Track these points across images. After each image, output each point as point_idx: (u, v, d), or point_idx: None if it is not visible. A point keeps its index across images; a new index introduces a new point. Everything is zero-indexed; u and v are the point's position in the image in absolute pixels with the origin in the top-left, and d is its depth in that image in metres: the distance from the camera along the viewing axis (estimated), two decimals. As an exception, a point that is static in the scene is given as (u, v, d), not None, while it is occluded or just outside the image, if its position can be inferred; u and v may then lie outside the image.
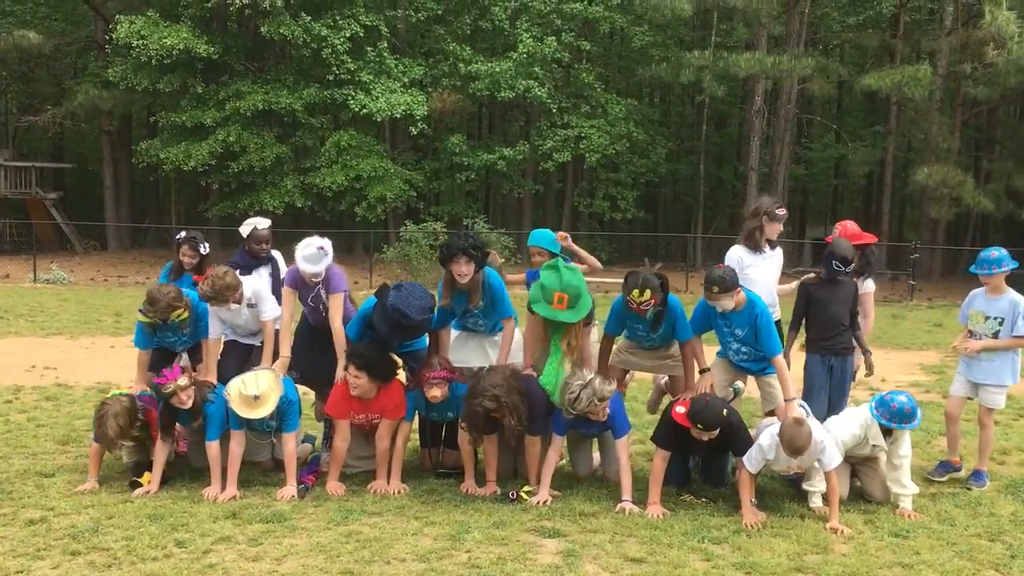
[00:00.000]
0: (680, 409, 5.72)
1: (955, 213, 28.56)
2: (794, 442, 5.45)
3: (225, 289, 6.04)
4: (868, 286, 6.88)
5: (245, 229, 7.07)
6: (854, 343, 6.60)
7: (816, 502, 5.81)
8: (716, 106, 34.21)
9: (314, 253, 6.02)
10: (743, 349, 6.17)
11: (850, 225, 6.93)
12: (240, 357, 6.52)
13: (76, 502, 5.63)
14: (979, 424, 6.71)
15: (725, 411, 5.64)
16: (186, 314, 6.15)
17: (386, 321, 5.83)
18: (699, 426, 5.55)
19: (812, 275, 6.78)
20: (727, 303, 5.88)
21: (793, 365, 6.26)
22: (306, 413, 7.33)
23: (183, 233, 7.26)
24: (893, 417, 5.75)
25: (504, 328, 6.26)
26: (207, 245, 7.13)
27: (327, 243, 6.07)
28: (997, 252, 6.57)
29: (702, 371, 6.09)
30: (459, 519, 5.43)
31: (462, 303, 6.20)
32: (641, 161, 31.51)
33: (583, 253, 6.88)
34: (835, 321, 6.48)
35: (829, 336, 6.47)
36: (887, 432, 5.87)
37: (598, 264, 7.01)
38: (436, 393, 5.92)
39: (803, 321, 6.61)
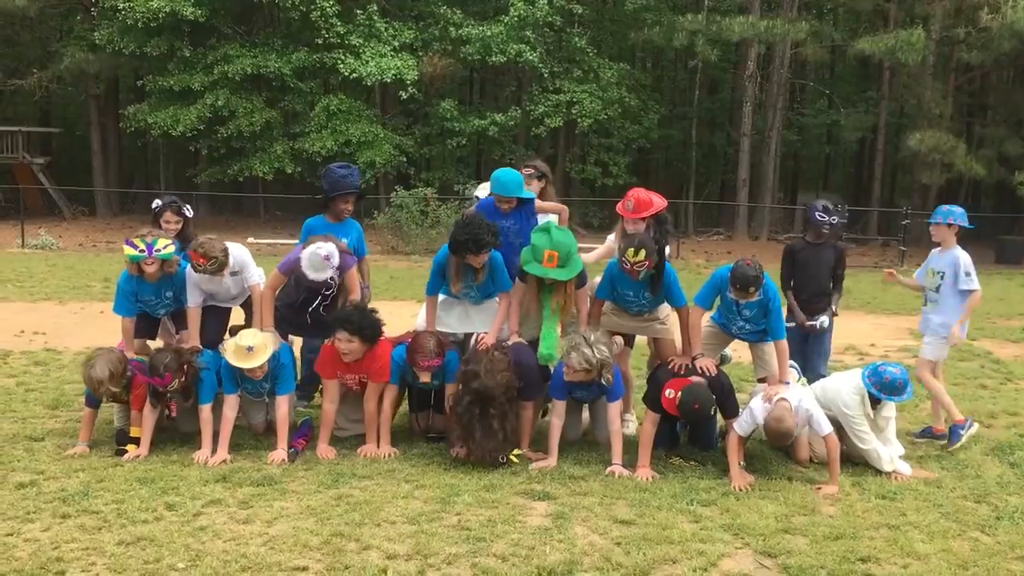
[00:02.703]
0: (669, 393, 5.73)
1: (947, 179, 28.52)
2: (775, 439, 5.76)
3: (222, 263, 6.01)
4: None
5: (481, 193, 7.24)
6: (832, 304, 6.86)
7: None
8: (709, 71, 33.95)
9: (320, 262, 5.99)
10: (747, 326, 6.20)
11: (641, 192, 6.35)
12: (221, 321, 6.54)
13: (66, 466, 5.64)
14: (919, 380, 6.77)
15: (713, 408, 5.80)
16: (172, 248, 6.09)
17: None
18: (684, 419, 5.78)
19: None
20: (754, 297, 5.89)
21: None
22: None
23: (159, 201, 6.91)
24: (883, 388, 5.78)
25: (500, 301, 6.24)
26: (190, 208, 7.00)
27: (334, 253, 6.03)
28: (947, 207, 6.85)
29: (694, 358, 5.98)
30: (449, 482, 5.46)
31: (468, 282, 6.20)
32: (633, 127, 31.30)
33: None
34: (816, 283, 6.75)
35: (809, 298, 6.73)
36: (875, 401, 5.90)
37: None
38: (426, 379, 5.99)
39: (790, 281, 6.88)
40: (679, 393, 5.67)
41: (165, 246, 6.03)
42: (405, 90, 27.07)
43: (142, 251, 5.97)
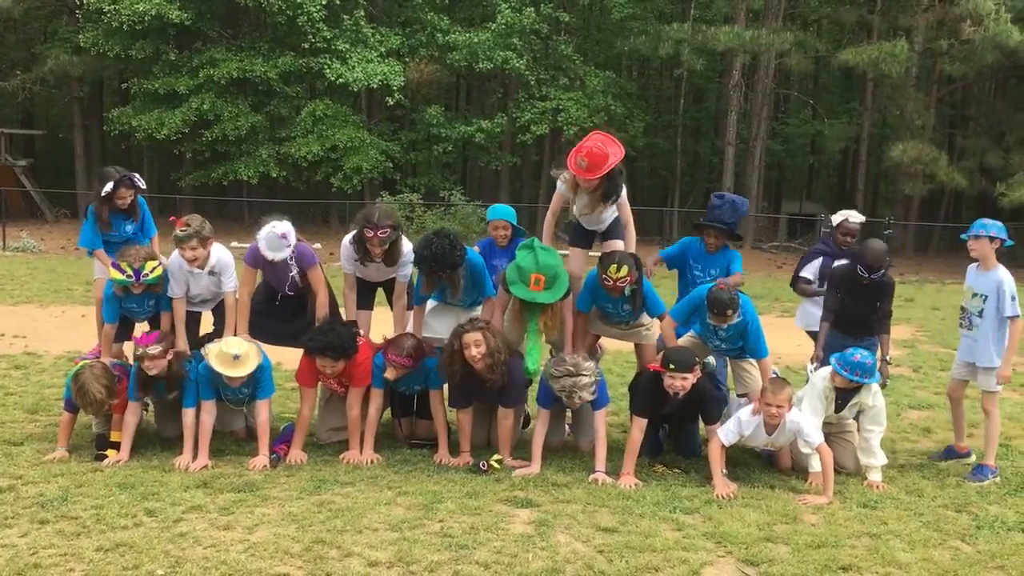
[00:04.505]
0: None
1: (929, 189, 28.80)
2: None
3: (198, 231, 6.02)
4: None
5: (836, 219, 7.15)
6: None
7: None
8: (694, 80, 34.17)
9: (276, 240, 5.91)
10: (723, 345, 6.21)
11: (596, 143, 5.85)
12: (193, 324, 6.46)
13: (45, 471, 5.57)
14: (983, 411, 6.38)
15: (697, 358, 5.73)
16: (160, 270, 6.06)
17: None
18: (671, 367, 5.59)
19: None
20: (733, 320, 5.89)
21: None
22: (279, 383, 7.31)
23: (109, 185, 6.61)
24: (853, 370, 5.75)
25: (484, 306, 6.26)
26: (140, 178, 6.83)
27: (290, 231, 5.96)
28: (989, 220, 6.20)
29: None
30: (432, 489, 5.43)
31: (442, 294, 6.23)
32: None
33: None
34: (859, 320, 6.48)
35: (849, 326, 6.48)
36: (853, 392, 5.91)
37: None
38: (390, 375, 5.92)
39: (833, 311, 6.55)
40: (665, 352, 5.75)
41: (152, 269, 5.98)
42: (391, 96, 27.09)
43: (129, 276, 5.92)
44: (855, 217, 7.13)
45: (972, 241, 6.16)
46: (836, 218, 7.18)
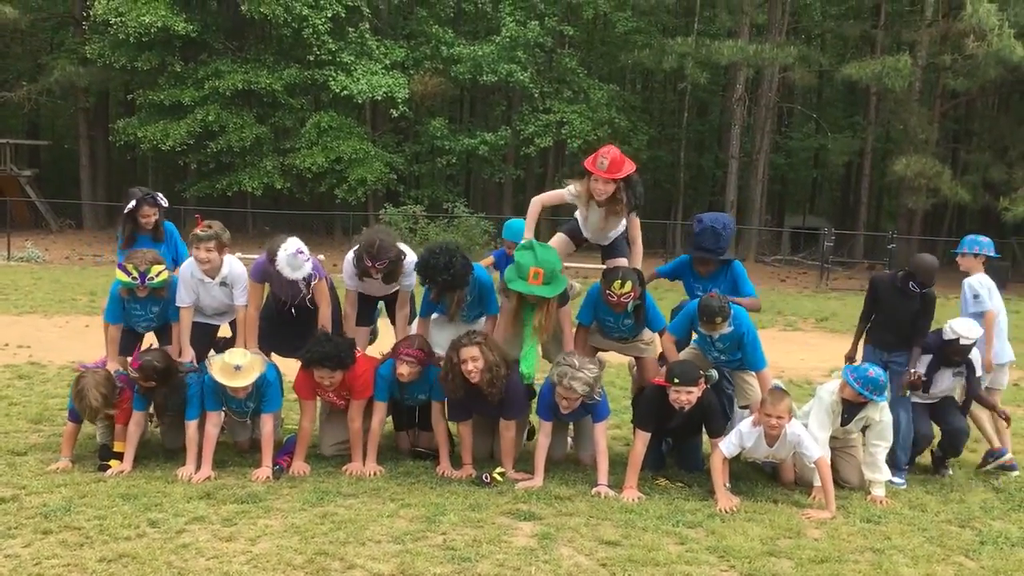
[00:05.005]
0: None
1: (932, 204, 28.80)
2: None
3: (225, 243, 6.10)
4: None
5: (948, 335, 6.48)
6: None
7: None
8: (698, 94, 34.24)
9: (295, 259, 5.91)
10: (721, 357, 6.21)
11: (615, 151, 5.94)
12: (205, 336, 6.46)
13: (48, 481, 5.58)
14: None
15: (701, 371, 5.74)
16: (166, 275, 6.08)
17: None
18: (676, 380, 5.60)
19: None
20: (724, 329, 5.89)
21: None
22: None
23: (132, 202, 6.75)
24: (865, 384, 5.76)
25: (486, 322, 6.27)
26: (164, 197, 6.92)
27: (302, 245, 5.99)
28: (974, 237, 6.74)
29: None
30: (435, 501, 5.43)
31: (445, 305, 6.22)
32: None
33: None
34: (893, 327, 6.45)
35: (888, 340, 6.49)
36: (860, 407, 5.90)
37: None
38: (404, 371, 5.86)
39: (871, 316, 6.61)
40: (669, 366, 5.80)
41: (158, 273, 6.00)
42: (396, 108, 27.18)
43: (135, 279, 5.95)
44: (969, 334, 6.29)
45: (959, 258, 6.85)
46: (948, 334, 6.33)
